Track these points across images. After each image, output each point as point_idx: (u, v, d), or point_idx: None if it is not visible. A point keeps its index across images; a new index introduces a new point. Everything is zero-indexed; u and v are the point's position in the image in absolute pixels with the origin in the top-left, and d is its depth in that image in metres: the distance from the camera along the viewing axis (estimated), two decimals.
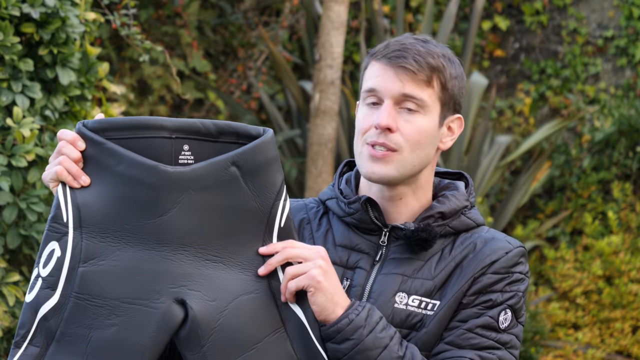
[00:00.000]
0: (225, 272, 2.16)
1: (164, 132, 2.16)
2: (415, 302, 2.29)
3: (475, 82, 7.53)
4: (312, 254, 2.20)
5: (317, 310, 2.19)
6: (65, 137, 2.15)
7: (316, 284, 2.17)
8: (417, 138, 2.29)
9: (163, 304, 2.11)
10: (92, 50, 4.07)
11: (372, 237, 2.35)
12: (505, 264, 2.29)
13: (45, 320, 2.10)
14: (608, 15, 8.59)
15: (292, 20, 8.12)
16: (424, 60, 2.28)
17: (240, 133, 2.18)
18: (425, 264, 2.31)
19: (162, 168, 2.13)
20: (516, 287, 2.30)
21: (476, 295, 2.28)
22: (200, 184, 2.14)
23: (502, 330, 2.27)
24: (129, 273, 2.11)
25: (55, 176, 2.14)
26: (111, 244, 2.12)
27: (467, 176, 2.45)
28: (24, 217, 3.78)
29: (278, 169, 2.19)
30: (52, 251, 2.12)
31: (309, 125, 6.68)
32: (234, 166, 2.15)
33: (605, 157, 8.23)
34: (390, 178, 2.30)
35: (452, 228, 2.34)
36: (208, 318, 2.12)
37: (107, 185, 2.13)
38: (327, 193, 2.44)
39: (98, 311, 2.10)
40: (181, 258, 2.13)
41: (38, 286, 2.12)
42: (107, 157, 2.13)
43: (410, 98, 2.28)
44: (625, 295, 7.31)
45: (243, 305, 2.16)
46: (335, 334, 2.18)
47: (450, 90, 2.32)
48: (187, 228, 2.14)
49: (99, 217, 2.12)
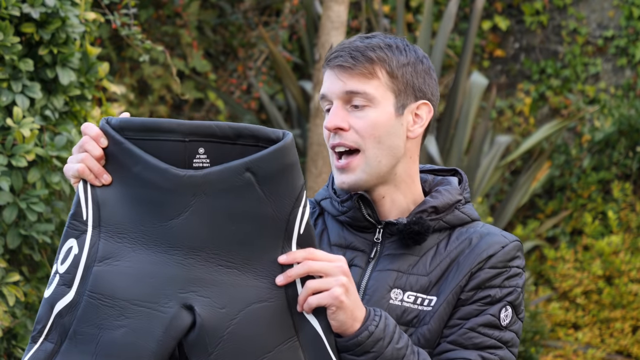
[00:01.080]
0: (239, 278, 2.12)
1: (177, 135, 2.12)
2: (410, 298, 2.28)
3: (475, 82, 7.53)
4: (334, 268, 2.14)
5: (335, 326, 2.15)
6: (89, 132, 2.13)
7: (339, 303, 2.13)
8: (372, 132, 2.27)
9: (171, 308, 2.09)
10: (92, 50, 4.07)
11: (366, 235, 2.35)
12: (502, 258, 2.29)
13: (60, 317, 2.10)
14: (608, 15, 8.59)
15: (292, 20, 8.12)
16: (362, 54, 2.26)
17: (259, 136, 2.13)
18: (420, 259, 2.31)
19: (174, 171, 2.11)
20: (515, 282, 2.29)
21: (474, 290, 2.27)
22: (213, 188, 2.11)
23: (504, 328, 2.26)
24: (141, 275, 2.10)
25: (77, 174, 2.13)
26: (127, 245, 2.11)
27: (461, 172, 2.44)
28: (24, 217, 3.78)
29: (297, 174, 2.13)
30: (70, 248, 2.12)
31: (309, 125, 6.68)
32: (248, 172, 2.11)
33: (605, 157, 8.23)
34: (361, 183, 2.30)
35: (447, 222, 2.33)
36: (216, 326, 2.10)
37: (125, 185, 2.12)
38: (321, 194, 2.44)
39: (108, 311, 2.09)
40: (192, 263, 2.11)
41: (55, 282, 2.12)
42: (126, 157, 2.12)
43: (354, 94, 2.27)
44: (625, 295, 7.31)
45: (255, 314, 2.12)
46: (355, 346, 2.16)
47: (402, 77, 2.29)
48: (199, 232, 2.11)
49: (118, 216, 2.12)
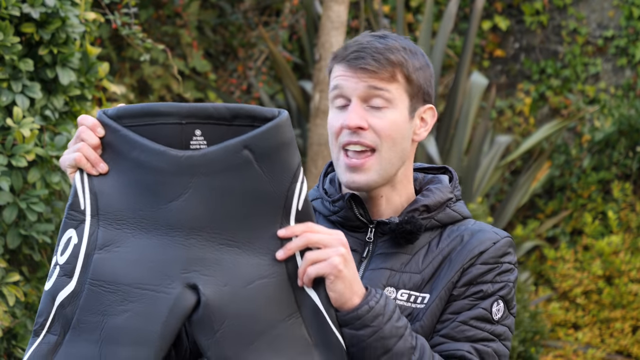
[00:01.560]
0: (241, 256, 2.14)
1: (175, 118, 2.14)
2: (404, 296, 2.29)
3: (475, 82, 7.52)
4: (332, 240, 2.16)
5: (334, 297, 2.16)
6: (86, 123, 2.14)
7: (337, 272, 2.14)
8: (390, 133, 2.29)
9: (175, 289, 2.10)
10: (92, 50, 4.07)
11: (358, 235, 2.35)
12: (493, 254, 2.30)
13: (62, 307, 2.10)
14: (608, 15, 8.59)
15: (292, 20, 8.12)
16: (383, 56, 2.28)
17: (255, 116, 2.15)
18: (413, 257, 2.32)
19: (172, 153, 2.12)
20: (506, 278, 2.30)
21: (466, 286, 2.28)
22: (212, 168, 2.12)
23: (495, 322, 2.27)
24: (142, 259, 2.11)
25: (74, 162, 2.13)
26: (127, 231, 2.12)
27: (451, 170, 2.45)
28: (24, 217, 3.78)
29: (294, 151, 2.16)
30: (69, 239, 2.13)
31: (309, 125, 6.68)
32: (246, 149, 2.12)
33: (605, 157, 8.23)
34: (371, 184, 2.30)
35: (438, 221, 2.34)
36: (221, 303, 2.11)
37: (122, 171, 2.13)
38: (312, 194, 2.44)
39: (111, 297, 2.09)
40: (194, 243, 2.12)
41: (56, 274, 2.12)
42: (122, 144, 2.13)
43: (375, 95, 2.28)
44: (625, 295, 7.31)
45: (258, 290, 2.13)
46: (355, 320, 2.17)
47: (416, 81, 2.31)
48: (199, 213, 2.12)
49: (116, 204, 2.13)
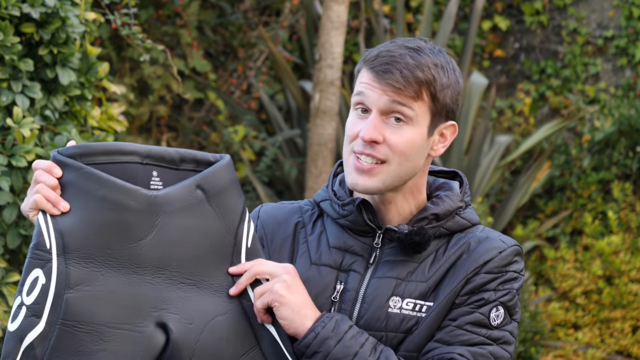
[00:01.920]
0: (199, 294, 2.19)
1: (136, 157, 2.19)
2: (409, 306, 2.28)
3: (475, 82, 7.52)
4: (278, 269, 2.23)
5: (285, 324, 2.21)
6: (41, 166, 2.16)
7: (279, 297, 2.19)
8: (404, 150, 2.27)
9: (147, 327, 2.13)
10: (92, 50, 4.07)
11: (366, 239, 2.34)
12: (498, 263, 2.28)
13: (31, 348, 2.08)
14: (608, 15, 8.59)
15: (292, 20, 8.11)
16: (412, 74, 2.25)
17: (199, 160, 2.24)
18: (419, 266, 2.31)
19: (142, 192, 2.16)
20: (509, 285, 2.28)
21: (469, 295, 2.27)
22: (172, 208, 2.17)
23: (493, 327, 2.26)
24: (114, 298, 2.12)
25: (35, 205, 2.13)
26: (94, 270, 2.12)
27: (461, 175, 2.43)
28: (24, 217, 3.77)
29: (239, 191, 2.24)
30: (35, 278, 2.11)
31: (309, 125, 6.67)
32: (198, 189, 2.20)
33: (605, 157, 8.23)
34: (374, 190, 2.30)
35: (447, 229, 2.33)
36: (188, 340, 2.15)
37: (89, 210, 2.13)
38: (321, 195, 2.43)
39: (86, 337, 2.09)
40: (159, 282, 2.16)
41: (22, 314, 2.09)
42: (88, 182, 2.13)
43: (398, 110, 2.26)
44: (625, 295, 7.31)
45: (219, 326, 2.19)
46: (305, 348, 2.20)
47: (442, 100, 2.29)
48: (163, 252, 2.16)
49: (83, 242, 2.12)
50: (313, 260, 2.34)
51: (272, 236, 2.39)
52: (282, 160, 7.59)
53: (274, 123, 7.87)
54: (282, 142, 7.68)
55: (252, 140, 7.73)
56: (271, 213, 2.45)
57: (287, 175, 7.54)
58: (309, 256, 2.35)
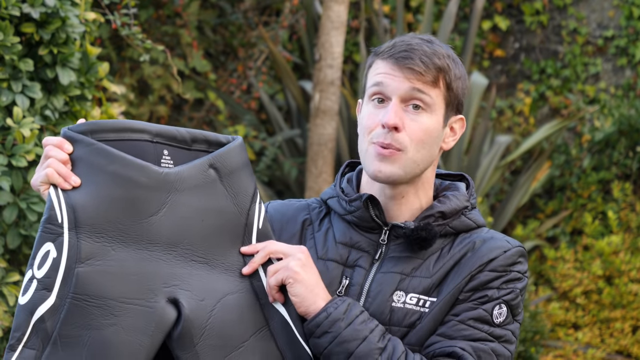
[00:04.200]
0: (210, 273, 2.19)
1: (147, 135, 2.20)
2: (413, 300, 2.29)
3: (475, 82, 7.53)
4: (292, 249, 2.24)
5: (297, 302, 2.21)
6: (51, 142, 2.16)
7: (294, 274, 2.20)
8: (422, 137, 2.30)
9: (158, 303, 2.13)
10: (92, 50, 4.07)
11: (372, 235, 2.36)
12: (503, 262, 2.30)
13: (41, 322, 2.08)
14: (608, 15, 8.59)
15: (292, 20, 8.11)
16: (431, 60, 2.30)
17: (211, 141, 2.25)
18: (424, 262, 2.32)
19: (153, 168, 2.16)
20: (513, 285, 2.30)
21: (472, 291, 2.28)
22: (184, 186, 2.18)
23: (496, 325, 2.27)
24: (125, 273, 2.12)
25: (46, 178, 2.13)
26: (106, 244, 2.12)
27: (468, 178, 2.46)
28: (24, 217, 3.78)
29: (251, 173, 2.25)
30: (47, 252, 2.11)
31: (309, 125, 6.67)
32: (211, 169, 2.21)
33: (605, 157, 8.23)
34: (396, 177, 2.31)
35: (452, 228, 2.35)
36: (199, 317, 2.15)
37: (100, 185, 2.13)
38: (328, 192, 2.45)
39: (96, 311, 2.09)
40: (170, 258, 2.16)
41: (33, 288, 2.09)
42: (99, 157, 2.13)
43: (417, 98, 2.29)
44: (625, 295, 7.31)
45: (230, 304, 2.19)
46: (315, 327, 2.21)
47: (455, 90, 2.34)
48: (174, 229, 2.17)
49: (94, 217, 2.12)
50: (319, 255, 2.36)
51: (279, 232, 2.41)
52: (282, 160, 7.59)
53: (274, 123, 7.87)
54: (282, 142, 7.68)
55: (252, 140, 7.73)
56: (279, 209, 2.46)
57: (287, 175, 7.53)
58: (315, 251, 2.37)
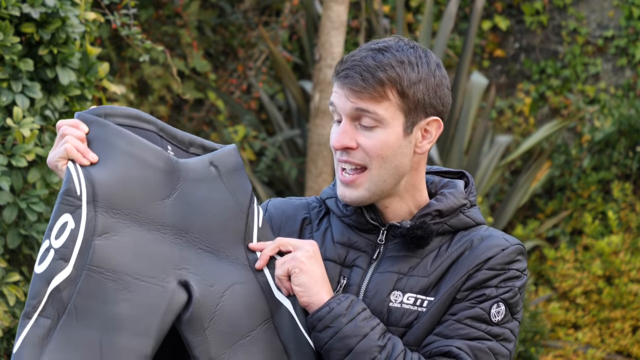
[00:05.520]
0: (217, 262, 2.21)
1: (154, 127, 2.24)
2: (410, 300, 2.29)
3: (475, 82, 7.52)
4: (301, 242, 2.26)
5: (299, 292, 2.22)
6: (66, 122, 2.17)
7: (300, 264, 2.22)
8: (380, 152, 2.27)
9: (170, 284, 2.14)
10: (92, 50, 4.07)
11: (370, 236, 2.36)
12: (501, 260, 2.29)
13: (58, 291, 2.08)
14: (608, 15, 8.59)
15: (292, 20, 8.11)
16: (372, 75, 2.23)
17: (206, 147, 2.29)
18: (422, 261, 2.31)
19: (167, 154, 2.20)
20: (511, 283, 2.29)
21: (470, 290, 2.27)
22: (191, 176, 2.21)
23: (493, 323, 2.26)
24: (140, 251, 2.13)
25: (65, 153, 2.14)
26: (122, 221, 2.13)
27: (468, 175, 2.44)
28: (24, 217, 3.78)
29: (246, 177, 2.29)
30: (65, 223, 2.11)
31: (309, 125, 6.67)
32: (212, 166, 2.24)
33: (605, 157, 8.23)
34: (363, 200, 2.31)
35: (450, 226, 2.34)
36: (209, 301, 2.16)
37: (117, 164, 2.15)
38: (327, 192, 2.45)
39: (111, 285, 2.10)
40: (181, 242, 2.18)
41: (50, 257, 2.09)
42: (115, 137, 2.16)
43: (363, 115, 2.26)
44: (625, 295, 7.31)
45: (238, 293, 2.21)
46: (317, 321, 2.21)
47: (412, 96, 2.26)
48: (183, 215, 2.20)
49: (112, 194, 2.14)
50: None
51: (278, 230, 2.41)
52: (282, 160, 7.59)
53: (274, 123, 7.87)
54: (282, 142, 7.68)
55: (252, 140, 7.73)
56: (280, 207, 2.47)
57: (287, 175, 7.54)
58: None
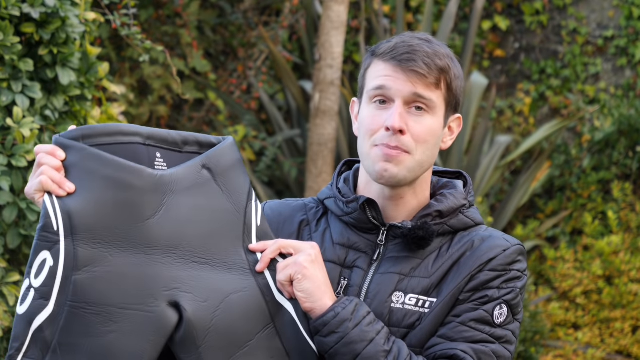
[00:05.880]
0: (213, 272, 2.18)
1: (139, 138, 2.19)
2: (412, 301, 2.29)
3: (475, 82, 7.52)
4: (303, 245, 2.24)
5: (302, 298, 2.20)
6: (43, 150, 2.15)
7: (302, 269, 2.19)
8: (426, 138, 2.29)
9: (158, 307, 2.11)
10: (92, 50, 4.07)
11: (370, 236, 2.35)
12: (502, 261, 2.29)
13: (40, 331, 2.07)
14: (608, 15, 8.59)
15: (292, 20, 8.11)
16: (433, 62, 2.28)
17: (202, 142, 2.25)
18: (423, 262, 2.31)
19: (148, 171, 2.15)
20: (513, 284, 2.29)
21: (472, 292, 2.27)
22: (179, 187, 2.17)
23: (496, 325, 2.26)
24: (123, 278, 2.11)
25: (40, 186, 2.12)
26: (103, 250, 2.11)
27: (466, 175, 2.44)
28: (24, 217, 3.77)
29: (244, 172, 2.25)
30: (43, 261, 2.09)
31: (309, 125, 6.67)
32: (204, 169, 2.20)
33: (605, 157, 8.23)
34: (401, 178, 2.30)
35: (450, 227, 2.34)
36: (202, 319, 2.14)
37: (95, 190, 2.12)
38: (325, 192, 2.44)
39: (95, 319, 2.08)
40: (170, 261, 2.15)
41: (31, 297, 2.08)
42: (92, 162, 2.13)
43: (421, 99, 2.29)
44: (625, 295, 7.31)
45: (234, 304, 2.18)
46: (322, 326, 2.19)
47: (455, 90, 2.33)
48: (172, 231, 2.16)
49: (90, 223, 2.11)
50: None
51: (276, 233, 2.39)
52: (282, 160, 7.59)
53: (274, 123, 7.87)
54: (282, 142, 7.68)
55: (252, 140, 7.73)
56: (276, 209, 2.45)
57: (287, 175, 7.53)
58: None
